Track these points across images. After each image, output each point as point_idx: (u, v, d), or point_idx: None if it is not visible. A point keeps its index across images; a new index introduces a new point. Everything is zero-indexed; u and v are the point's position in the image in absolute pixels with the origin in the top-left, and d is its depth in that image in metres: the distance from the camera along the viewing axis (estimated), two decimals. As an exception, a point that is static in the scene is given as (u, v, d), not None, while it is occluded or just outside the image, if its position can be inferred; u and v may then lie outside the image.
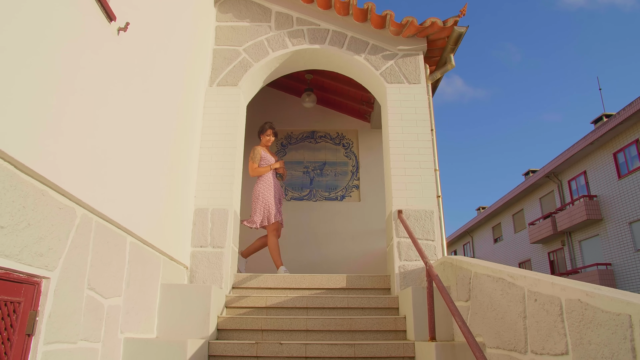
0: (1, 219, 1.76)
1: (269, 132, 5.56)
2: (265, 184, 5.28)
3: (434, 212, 4.62)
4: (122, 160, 2.86)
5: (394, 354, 3.54)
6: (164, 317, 3.63)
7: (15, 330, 1.94)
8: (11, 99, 1.78)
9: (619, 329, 1.72)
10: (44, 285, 2.11)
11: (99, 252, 2.60)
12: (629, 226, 17.93)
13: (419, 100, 4.99)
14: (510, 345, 2.61)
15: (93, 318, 2.55)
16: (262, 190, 5.26)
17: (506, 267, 2.83)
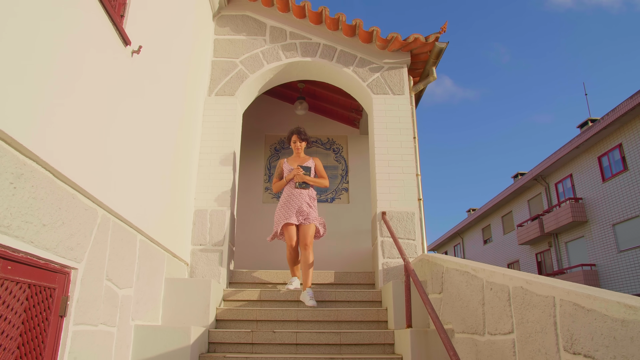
0: (44, 218, 2.14)
1: (293, 138, 5.08)
2: (281, 199, 4.89)
3: (415, 213, 5.03)
4: (133, 166, 3.24)
5: (375, 341, 3.94)
6: (168, 307, 4.00)
7: (52, 312, 2.31)
8: (57, 123, 2.16)
9: (547, 308, 2.13)
10: (73, 274, 2.48)
11: (115, 247, 2.97)
12: (612, 228, 18.50)
13: (402, 110, 5.40)
14: (473, 329, 3.03)
15: (110, 305, 2.93)
16: (278, 205, 4.90)
17: (470, 261, 3.24)
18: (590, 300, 1.82)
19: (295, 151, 5.06)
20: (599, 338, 1.76)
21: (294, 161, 5.02)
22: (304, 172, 4.82)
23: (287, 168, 4.94)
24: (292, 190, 4.80)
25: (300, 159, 5.03)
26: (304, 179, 4.80)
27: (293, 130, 5.06)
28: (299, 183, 4.80)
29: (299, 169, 4.82)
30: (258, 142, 7.81)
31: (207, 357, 3.65)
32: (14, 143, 1.88)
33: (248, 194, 7.45)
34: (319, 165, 5.04)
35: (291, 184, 4.83)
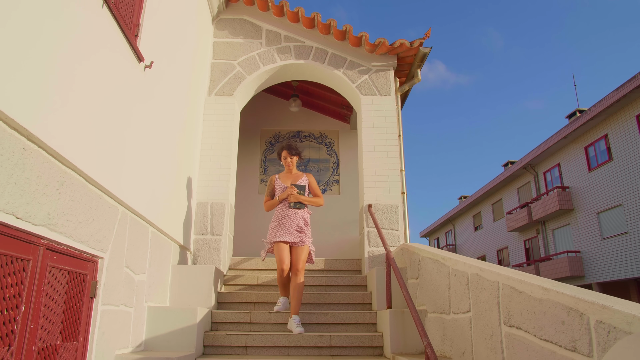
0: (80, 216, 2.58)
1: (283, 154, 4.65)
2: (274, 220, 4.52)
3: (398, 206, 5.50)
4: (144, 166, 3.67)
5: (360, 320, 4.44)
6: (175, 291, 4.47)
7: (85, 294, 2.77)
8: (87, 135, 2.58)
9: (493, 290, 2.61)
10: (100, 263, 2.94)
11: (131, 239, 3.43)
12: (596, 216, 19.13)
13: (388, 111, 5.85)
14: (441, 309, 3.52)
15: (128, 289, 3.39)
16: (270, 225, 4.54)
17: (440, 251, 3.72)
18: (521, 284, 2.30)
19: (287, 167, 4.64)
20: (525, 313, 2.24)
21: (286, 178, 4.62)
22: (299, 192, 4.43)
23: (280, 186, 4.55)
24: (286, 211, 4.42)
25: (293, 176, 4.64)
26: (299, 198, 4.41)
27: (283, 146, 4.67)
28: (294, 203, 4.42)
29: (293, 188, 4.41)
30: (254, 137, 8.23)
31: (211, 334, 4.14)
32: (58, 156, 2.32)
33: (245, 186, 7.90)
34: (313, 182, 4.64)
35: (285, 203, 4.46)
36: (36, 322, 2.24)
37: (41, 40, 2.11)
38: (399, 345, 3.80)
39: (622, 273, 17.49)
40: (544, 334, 2.08)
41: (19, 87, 1.94)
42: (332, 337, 4.10)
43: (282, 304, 4.37)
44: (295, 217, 4.40)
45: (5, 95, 1.84)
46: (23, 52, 1.97)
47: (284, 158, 4.64)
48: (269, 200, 4.61)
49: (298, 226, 4.37)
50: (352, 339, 4.10)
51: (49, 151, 2.23)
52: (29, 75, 2.02)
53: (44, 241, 2.28)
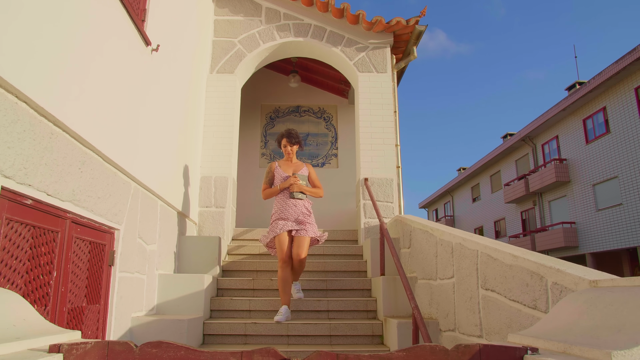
0: (99, 192, 2.84)
1: (283, 142, 4.48)
2: (274, 210, 4.36)
3: (393, 179, 5.77)
4: (153, 144, 3.91)
5: (355, 287, 4.77)
6: (182, 260, 4.78)
7: (104, 263, 3.06)
8: (103, 117, 2.82)
9: (473, 258, 2.90)
10: (117, 234, 3.22)
11: (143, 212, 3.70)
12: (592, 188, 19.42)
13: (385, 87, 6.03)
14: (429, 275, 3.83)
15: (141, 258, 3.69)
16: (272, 217, 4.38)
17: (430, 222, 4.01)
18: (496, 252, 2.58)
19: (287, 155, 4.48)
20: (498, 278, 2.53)
21: (287, 167, 4.45)
22: (301, 181, 4.29)
23: (281, 175, 4.37)
24: (287, 201, 4.27)
25: (294, 165, 4.49)
26: (302, 188, 4.26)
27: (283, 133, 4.49)
28: (295, 193, 4.26)
29: (296, 178, 4.25)
30: (254, 111, 8.42)
31: (217, 299, 4.47)
32: (79, 139, 2.56)
33: (246, 160, 8.14)
34: (313, 172, 4.54)
35: (285, 193, 4.30)
36: (66, 286, 2.53)
37: (59, 34, 2.32)
38: (391, 309, 4.13)
39: (615, 243, 17.90)
40: (512, 295, 2.38)
41: (46, 77, 2.17)
42: (330, 301, 4.43)
43: (283, 314, 4.04)
44: (296, 208, 4.24)
45: (36, 86, 2.06)
46: (47, 48, 2.19)
47: (284, 146, 4.45)
48: (268, 189, 4.41)
49: (299, 218, 4.22)
50: (348, 304, 4.43)
51: (72, 134, 2.47)
52: (54, 67, 2.24)
53: (70, 215, 2.55)
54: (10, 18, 1.89)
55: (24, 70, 1.98)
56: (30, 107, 2.08)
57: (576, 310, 1.54)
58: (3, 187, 1.91)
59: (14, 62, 1.90)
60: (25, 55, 1.99)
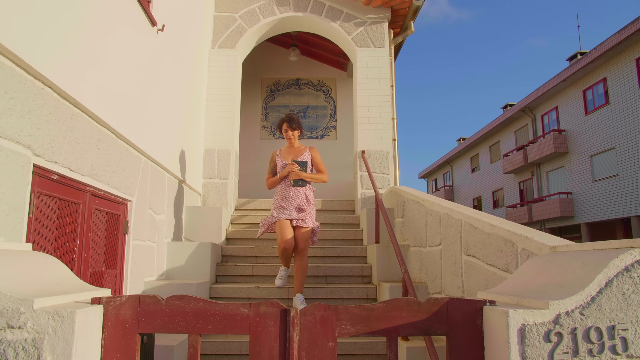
0: (114, 167, 3.09)
1: (283, 127, 4.29)
2: (275, 199, 4.24)
3: (389, 152, 5.99)
4: (160, 119, 4.12)
5: (352, 254, 5.07)
6: (188, 229, 5.07)
7: (119, 231, 3.34)
8: (116, 95, 3.03)
9: (457, 227, 3.17)
10: (130, 205, 3.48)
11: (152, 184, 3.95)
12: (589, 159, 19.63)
13: (382, 62, 6.19)
14: (419, 243, 4.11)
15: (152, 227, 3.96)
16: (273, 205, 4.26)
17: (421, 193, 4.26)
18: (477, 221, 2.84)
19: (288, 141, 4.32)
20: (478, 244, 2.80)
21: (287, 153, 4.31)
22: (300, 168, 4.12)
23: (281, 163, 4.25)
24: (287, 189, 4.12)
25: (295, 151, 4.31)
26: (300, 175, 4.10)
27: (283, 118, 4.32)
28: (295, 181, 4.11)
29: (293, 165, 4.10)
30: (255, 84, 8.57)
31: (222, 265, 4.78)
32: (96, 118, 2.78)
33: (248, 132, 8.35)
34: (317, 156, 4.32)
35: (286, 181, 4.15)
36: (88, 253, 2.81)
37: (75, 21, 2.51)
38: (384, 274, 4.44)
39: (610, 214, 18.24)
40: (489, 260, 2.65)
41: (66, 62, 2.37)
42: (327, 267, 4.73)
43: (282, 278, 4.20)
44: (296, 196, 4.09)
45: (59, 71, 2.27)
46: (66, 34, 2.39)
47: (284, 131, 4.28)
48: (271, 178, 4.28)
49: (299, 206, 4.08)
50: (345, 269, 4.74)
51: (89, 114, 2.69)
52: (72, 52, 2.45)
53: (89, 188, 2.80)
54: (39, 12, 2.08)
55: (49, 57, 2.19)
56: (54, 91, 2.29)
57: (534, 270, 1.80)
58: (35, 164, 2.15)
59: (41, 51, 2.11)
60: (49, 43, 2.20)
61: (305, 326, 1.52)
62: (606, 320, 1.38)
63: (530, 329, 1.37)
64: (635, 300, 1.40)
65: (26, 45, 2.00)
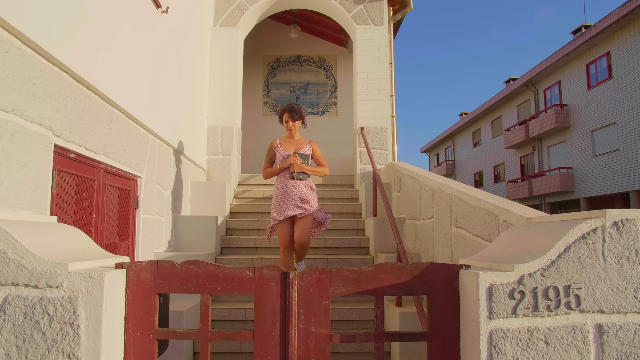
0: (124, 145, 3.28)
1: (285, 117, 4.15)
2: (276, 192, 4.07)
3: (387, 128, 6.16)
4: (167, 98, 4.29)
5: (351, 226, 5.30)
6: (194, 203, 5.29)
7: (130, 206, 3.55)
8: (126, 77, 3.19)
9: (448, 201, 3.37)
10: (139, 181, 3.69)
11: (159, 161, 4.15)
12: (590, 134, 19.68)
13: (381, 40, 6.28)
14: (414, 216, 4.32)
15: (160, 201, 4.18)
16: (273, 199, 4.09)
17: (416, 168, 4.45)
18: (465, 195, 3.04)
19: (289, 132, 4.18)
20: (466, 217, 3.01)
21: (288, 144, 4.15)
22: (302, 161, 4.00)
23: (281, 154, 4.08)
24: (288, 182, 3.98)
25: (296, 142, 4.19)
26: (303, 168, 3.98)
27: (285, 108, 4.18)
28: (297, 173, 3.97)
29: (296, 157, 3.97)
30: (256, 61, 8.66)
31: (227, 238, 5.02)
32: (107, 99, 2.96)
33: (250, 109, 8.49)
34: (317, 150, 4.24)
35: (285, 173, 4.02)
36: (103, 226, 3.03)
37: (88, 9, 2.66)
38: (381, 246, 4.67)
39: (609, 188, 18.42)
40: (475, 231, 2.86)
41: (80, 48, 2.54)
42: (327, 239, 4.97)
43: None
44: (297, 189, 3.95)
45: (73, 57, 2.44)
46: (79, 20, 2.55)
47: (285, 122, 4.14)
48: (268, 168, 4.14)
49: (301, 197, 3.95)
50: (344, 241, 4.97)
51: (101, 96, 2.87)
52: (85, 38, 2.61)
53: (103, 165, 3.00)
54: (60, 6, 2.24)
55: (63, 43, 2.36)
56: (69, 75, 2.47)
57: (509, 239, 2.01)
58: (55, 144, 2.34)
59: (56, 37, 2.28)
60: (61, 29, 2.36)
61: (302, 287, 1.73)
62: (563, 280, 1.59)
63: (497, 288, 1.58)
64: (589, 264, 1.60)
65: (42, 32, 2.16)
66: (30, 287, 1.53)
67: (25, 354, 1.52)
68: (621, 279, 1.60)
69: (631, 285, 1.60)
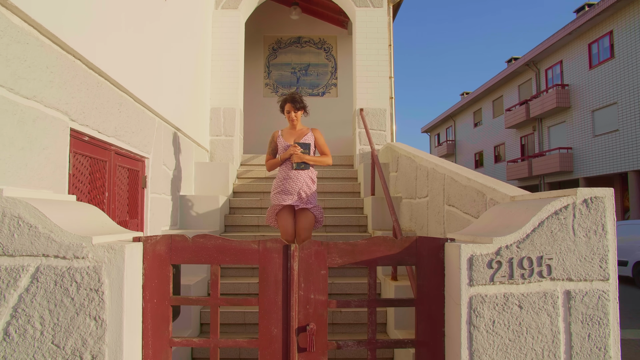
0: (133, 128, 3.44)
1: (286, 107, 4.08)
2: (276, 182, 4.04)
3: (386, 110, 6.29)
4: (172, 82, 4.42)
5: (350, 205, 5.49)
6: (198, 183, 5.47)
7: (139, 185, 3.73)
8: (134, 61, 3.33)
9: (441, 180, 3.54)
10: (147, 162, 3.86)
11: (165, 142, 4.31)
12: (591, 114, 19.72)
13: (380, 22, 6.36)
14: (410, 195, 4.50)
15: (166, 181, 4.35)
16: (272, 188, 4.07)
17: (413, 149, 4.61)
18: (457, 175, 3.21)
19: (291, 122, 4.11)
20: (457, 196, 3.18)
21: (289, 135, 4.11)
22: (303, 150, 3.94)
23: (282, 144, 4.04)
24: (289, 172, 3.94)
25: (297, 132, 4.12)
26: (303, 158, 3.92)
27: (286, 98, 4.09)
28: (297, 163, 3.93)
29: (296, 147, 3.92)
30: (257, 43, 8.73)
31: (230, 216, 5.21)
32: (117, 84, 3.11)
33: (251, 90, 8.60)
34: (320, 138, 4.14)
35: (287, 163, 3.97)
36: (114, 204, 3.21)
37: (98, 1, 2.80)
38: (378, 224, 4.86)
39: (608, 168, 18.56)
40: (465, 209, 3.04)
41: (92, 36, 2.68)
42: (327, 218, 5.16)
43: None
44: (298, 179, 3.92)
45: (86, 44, 2.59)
46: (84, 9, 2.68)
47: (287, 112, 4.07)
48: (271, 159, 4.12)
49: (302, 190, 3.93)
50: (343, 219, 5.17)
51: (111, 81, 3.02)
52: (93, 26, 2.74)
53: (113, 147, 3.16)
54: (66, -7, 2.38)
55: (75, 31, 2.50)
56: (82, 63, 2.62)
57: (493, 216, 2.18)
58: (71, 128, 2.51)
59: (68, 26, 2.42)
60: (76, 18, 2.50)
61: (302, 258, 1.92)
62: (536, 252, 1.77)
63: (477, 259, 1.76)
64: (560, 237, 1.78)
65: (56, 21, 2.30)
66: (59, 257, 1.72)
67: (57, 317, 1.71)
68: (588, 251, 1.78)
69: (597, 256, 1.78)
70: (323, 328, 1.93)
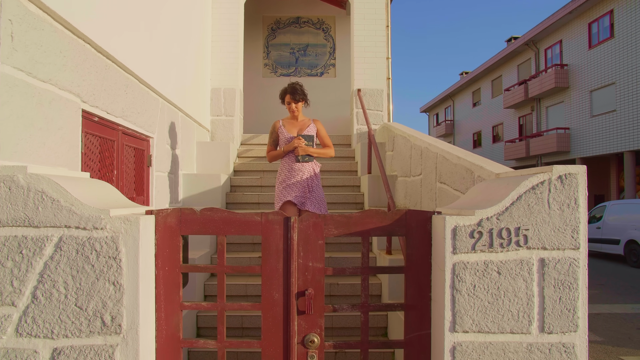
0: (138, 108, 3.58)
1: (286, 98, 4.01)
2: (280, 175, 4.00)
3: (383, 90, 6.41)
4: (174, 63, 4.54)
5: (347, 183, 5.66)
6: (200, 162, 5.63)
7: (144, 164, 3.89)
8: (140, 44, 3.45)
9: (434, 159, 3.70)
10: (152, 141, 4.01)
11: (169, 123, 4.45)
12: (589, 94, 19.78)
13: (378, 3, 6.44)
14: (405, 173, 4.67)
15: (169, 160, 4.51)
16: (277, 182, 4.01)
17: (408, 128, 4.76)
18: (448, 154, 3.37)
19: (291, 113, 4.05)
20: (448, 173, 3.35)
21: (291, 126, 4.03)
22: (306, 143, 3.88)
23: (285, 136, 3.96)
24: (292, 165, 3.90)
25: (299, 123, 4.05)
26: (308, 151, 3.88)
27: (286, 89, 4.02)
28: (302, 156, 3.88)
29: (300, 140, 3.85)
30: (256, 23, 8.78)
31: (231, 194, 5.39)
32: (123, 67, 3.24)
33: (250, 70, 8.68)
34: (322, 130, 4.11)
35: (290, 155, 3.92)
36: (122, 182, 3.38)
37: (105, -18, 2.90)
38: (375, 201, 5.04)
39: (605, 149, 18.71)
40: (455, 186, 3.21)
41: (100, 20, 2.80)
42: (325, 195, 5.32)
43: None
44: (303, 172, 3.88)
45: (95, 29, 2.71)
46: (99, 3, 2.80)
47: (288, 103, 4.01)
48: (273, 151, 4.04)
49: (308, 184, 3.89)
50: (340, 197, 5.34)
51: (118, 64, 3.15)
52: (101, 10, 2.86)
53: (120, 127, 3.31)
54: (75, -20, 2.49)
55: (86, 16, 2.62)
56: (92, 47, 2.75)
57: (478, 191, 2.35)
58: (82, 109, 2.65)
59: (78, 12, 2.54)
60: (84, 2, 2.62)
61: (301, 229, 2.09)
62: (514, 223, 1.95)
63: (460, 229, 1.94)
64: (537, 210, 1.95)
65: (67, 6, 2.43)
66: (80, 228, 1.89)
67: (79, 282, 1.89)
68: (562, 222, 1.95)
69: (569, 227, 1.95)
70: (320, 293, 2.11)
